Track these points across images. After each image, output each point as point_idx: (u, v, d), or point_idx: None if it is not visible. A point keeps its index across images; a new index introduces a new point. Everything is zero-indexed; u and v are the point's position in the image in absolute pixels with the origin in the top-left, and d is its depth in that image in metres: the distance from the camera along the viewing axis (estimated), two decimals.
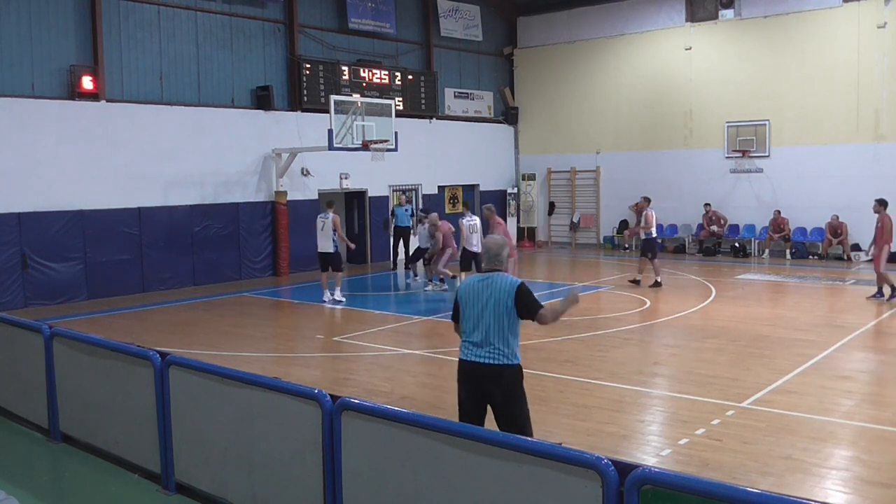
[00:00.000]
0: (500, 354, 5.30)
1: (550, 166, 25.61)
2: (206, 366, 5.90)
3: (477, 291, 5.41)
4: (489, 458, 3.99)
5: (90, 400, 6.81)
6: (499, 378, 5.33)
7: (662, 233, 23.23)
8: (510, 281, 5.37)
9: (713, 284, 16.35)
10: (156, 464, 6.06)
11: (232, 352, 10.87)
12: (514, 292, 5.29)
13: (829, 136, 20.41)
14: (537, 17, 25.62)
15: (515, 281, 5.38)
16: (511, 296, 5.28)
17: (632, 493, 3.42)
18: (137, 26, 16.71)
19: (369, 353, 10.90)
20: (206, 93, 17.93)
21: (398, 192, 21.94)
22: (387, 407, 4.77)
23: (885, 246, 13.84)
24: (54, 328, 7.34)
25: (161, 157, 16.88)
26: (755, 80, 21.45)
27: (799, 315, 13.00)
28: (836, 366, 9.61)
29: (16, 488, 6.07)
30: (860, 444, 6.95)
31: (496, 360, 5.31)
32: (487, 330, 5.32)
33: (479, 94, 25.27)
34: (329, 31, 20.62)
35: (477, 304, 5.38)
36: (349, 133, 17.14)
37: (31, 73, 15.15)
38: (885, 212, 14.02)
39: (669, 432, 7.36)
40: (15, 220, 14.70)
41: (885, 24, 19.52)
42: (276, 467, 5.15)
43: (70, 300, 15.36)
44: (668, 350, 10.72)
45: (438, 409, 7.81)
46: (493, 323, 5.31)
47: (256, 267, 18.66)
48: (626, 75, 23.78)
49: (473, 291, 5.44)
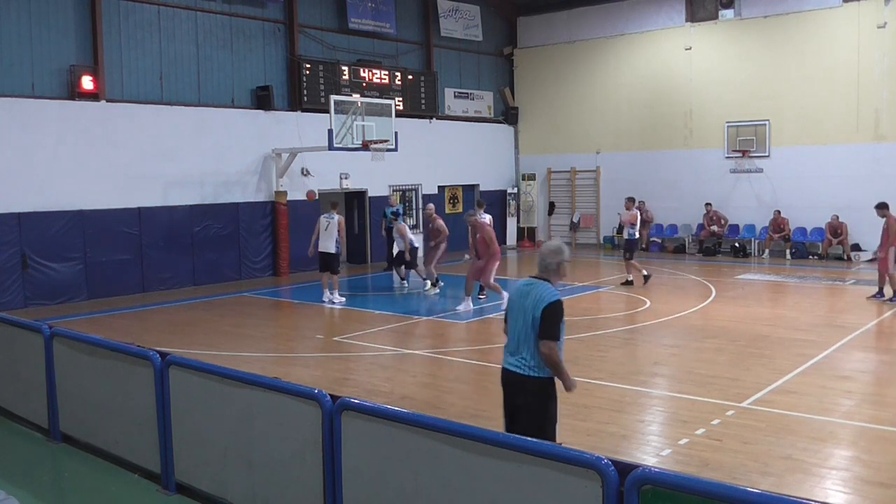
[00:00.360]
0: (526, 365, 5.20)
1: (550, 166, 25.61)
2: (206, 366, 5.90)
3: (520, 297, 5.31)
4: (489, 458, 3.99)
5: (90, 400, 6.80)
6: (522, 388, 5.25)
7: (662, 233, 23.26)
8: (548, 294, 5.19)
9: (713, 284, 16.35)
10: (156, 464, 6.06)
11: (232, 352, 10.87)
12: (543, 307, 5.13)
13: (829, 136, 20.41)
14: (537, 17, 25.62)
15: (552, 296, 5.18)
16: (539, 310, 5.14)
17: (632, 493, 3.43)
18: (137, 26, 16.71)
19: (369, 353, 10.90)
20: (206, 93, 17.93)
21: (398, 191, 21.95)
22: (387, 407, 4.77)
23: (891, 248, 13.78)
24: (54, 328, 7.34)
25: (161, 157, 16.88)
26: (755, 80, 21.45)
27: (799, 315, 13.00)
28: (836, 366, 9.61)
29: (16, 488, 6.07)
30: (860, 444, 6.95)
31: (522, 370, 5.22)
32: (519, 338, 5.24)
33: (479, 94, 25.27)
34: (329, 31, 20.62)
35: (517, 311, 5.28)
36: (349, 133, 17.13)
37: (31, 73, 15.15)
38: (889, 213, 13.96)
39: (669, 432, 7.36)
40: (15, 220, 14.70)
41: (885, 24, 19.52)
42: (276, 467, 5.15)
43: (70, 300, 15.36)
44: (668, 350, 10.72)
45: (438, 409, 7.81)
46: (524, 332, 5.21)
47: (256, 267, 18.66)
48: (626, 75, 23.78)
49: (518, 296, 5.34)
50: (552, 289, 5.25)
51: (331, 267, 14.88)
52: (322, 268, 15.07)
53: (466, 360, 10.38)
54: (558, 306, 5.15)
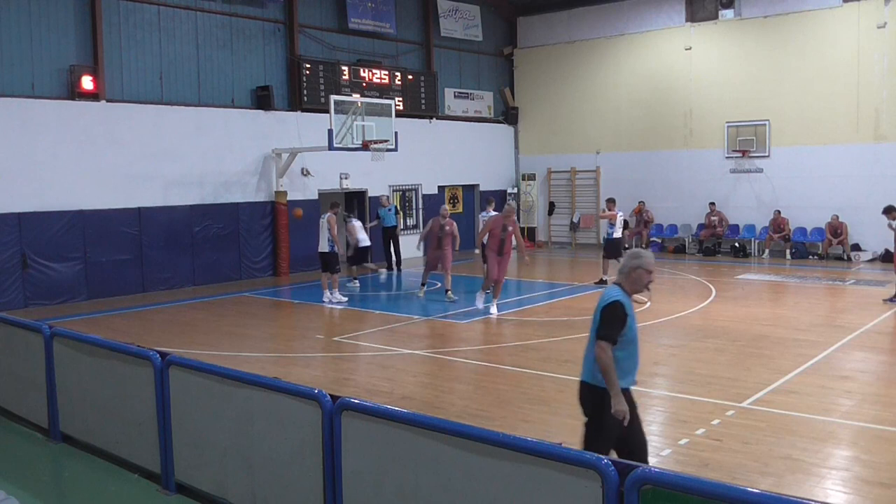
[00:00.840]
0: (587, 371, 5.13)
1: (550, 166, 25.61)
2: (206, 366, 5.90)
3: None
4: (489, 458, 3.99)
5: (90, 400, 6.80)
6: (581, 393, 5.19)
7: (662, 233, 23.25)
8: (609, 294, 5.09)
9: (713, 284, 16.35)
10: (156, 464, 6.06)
11: (232, 352, 10.87)
12: (601, 307, 5.03)
13: (829, 136, 20.41)
14: (537, 17, 25.62)
15: (611, 297, 5.06)
16: (599, 311, 5.04)
17: (632, 493, 3.43)
18: (137, 26, 16.71)
19: (369, 353, 10.90)
20: (206, 93, 17.93)
21: (397, 191, 21.95)
22: (387, 407, 4.77)
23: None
24: (54, 328, 7.34)
25: (161, 157, 16.88)
26: (755, 80, 21.44)
27: (799, 315, 12.99)
28: (836, 366, 9.61)
29: (16, 488, 6.06)
30: (860, 444, 6.95)
31: (583, 375, 5.15)
32: (587, 343, 5.16)
33: (479, 94, 25.27)
34: (329, 31, 20.62)
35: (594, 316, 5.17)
36: (349, 133, 17.13)
37: (31, 73, 15.15)
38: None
39: (669, 432, 7.36)
40: (15, 220, 14.70)
41: (885, 24, 19.52)
42: (276, 467, 5.15)
43: (70, 300, 15.36)
44: (668, 350, 10.71)
45: (438, 409, 7.81)
46: (590, 336, 5.11)
47: (256, 267, 18.66)
48: (626, 75, 23.79)
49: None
50: (617, 290, 5.12)
51: (329, 267, 14.89)
52: (322, 268, 15.10)
53: (466, 360, 10.38)
54: (616, 307, 4.99)
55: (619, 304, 5.00)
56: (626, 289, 5.16)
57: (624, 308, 5.01)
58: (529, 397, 8.44)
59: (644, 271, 5.14)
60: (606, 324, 4.96)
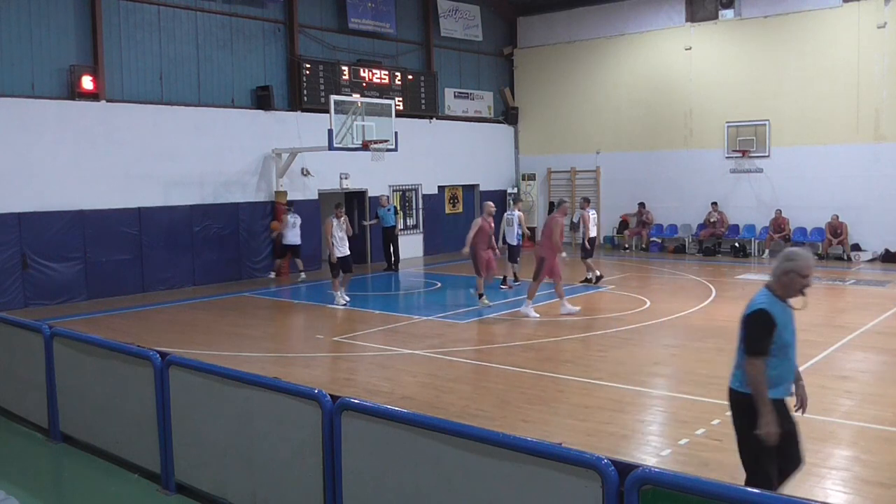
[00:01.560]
0: (735, 378, 4.88)
1: (550, 166, 25.61)
2: (206, 366, 5.90)
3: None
4: (489, 458, 3.99)
5: (90, 400, 6.81)
6: (729, 400, 4.96)
7: (662, 233, 23.25)
8: (754, 301, 4.77)
9: (713, 284, 16.34)
10: (156, 464, 6.06)
11: (232, 352, 10.87)
12: (744, 316, 4.75)
13: (829, 136, 20.41)
14: (537, 17, 25.61)
15: (755, 305, 4.73)
16: (741, 321, 4.78)
17: (632, 493, 3.43)
18: (137, 26, 16.71)
19: (369, 353, 10.90)
20: (206, 93, 17.93)
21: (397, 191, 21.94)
22: (387, 407, 4.77)
23: None
24: (54, 328, 7.34)
25: (161, 157, 16.88)
26: (755, 80, 21.44)
27: (799, 315, 12.93)
28: (836, 366, 9.61)
29: (16, 488, 6.07)
30: (860, 444, 6.95)
31: (731, 383, 4.91)
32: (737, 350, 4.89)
33: (479, 94, 25.26)
34: (329, 31, 20.62)
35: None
36: (349, 133, 17.13)
37: (31, 73, 15.15)
38: None
39: (669, 432, 7.36)
40: (15, 220, 14.70)
41: (885, 24, 19.52)
42: (276, 467, 5.15)
43: (70, 300, 15.36)
44: (668, 350, 10.71)
45: (438, 409, 7.80)
46: (738, 342, 4.86)
47: (256, 267, 18.65)
48: (626, 75, 23.78)
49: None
50: (764, 295, 4.74)
51: (333, 269, 14.83)
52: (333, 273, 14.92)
53: (466, 360, 10.37)
54: (758, 316, 4.63)
55: (761, 314, 4.64)
56: (778, 293, 4.77)
57: (769, 316, 4.65)
58: (529, 397, 8.44)
59: (797, 276, 4.72)
60: (750, 335, 4.67)
